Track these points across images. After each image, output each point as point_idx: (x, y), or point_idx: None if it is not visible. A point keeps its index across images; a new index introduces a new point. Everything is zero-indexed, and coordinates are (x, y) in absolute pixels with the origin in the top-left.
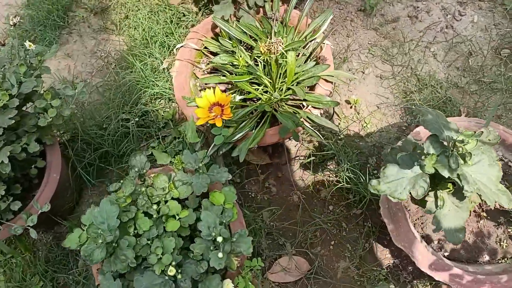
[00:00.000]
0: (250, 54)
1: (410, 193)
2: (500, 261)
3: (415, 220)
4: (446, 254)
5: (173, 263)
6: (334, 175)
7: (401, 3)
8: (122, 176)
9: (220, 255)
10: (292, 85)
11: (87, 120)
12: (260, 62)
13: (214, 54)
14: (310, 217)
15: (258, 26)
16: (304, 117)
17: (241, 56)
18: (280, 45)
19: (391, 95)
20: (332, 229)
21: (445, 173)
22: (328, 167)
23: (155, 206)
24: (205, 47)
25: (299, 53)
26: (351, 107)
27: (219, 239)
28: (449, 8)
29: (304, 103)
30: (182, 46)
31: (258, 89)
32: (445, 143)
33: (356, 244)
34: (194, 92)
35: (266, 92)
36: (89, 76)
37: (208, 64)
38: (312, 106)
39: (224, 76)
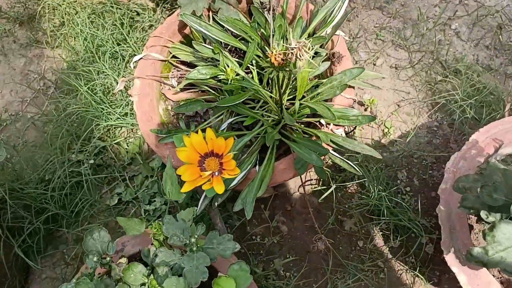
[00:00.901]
0: (237, 60)
1: None
2: None
3: None
4: None
5: None
6: (359, 199)
7: None
8: (82, 239)
9: None
10: (304, 99)
11: (24, 170)
12: (253, 70)
13: (187, 64)
14: (335, 259)
15: (244, 20)
16: (326, 141)
17: (228, 66)
18: (305, 51)
19: (412, 88)
20: (367, 273)
21: None
22: (349, 190)
23: None
24: (174, 56)
25: None
26: (365, 110)
27: None
28: None
29: (322, 120)
30: (141, 58)
31: (255, 107)
32: None
33: None
34: (166, 119)
35: (266, 110)
36: (21, 106)
37: (180, 78)
38: (333, 124)
39: (203, 91)
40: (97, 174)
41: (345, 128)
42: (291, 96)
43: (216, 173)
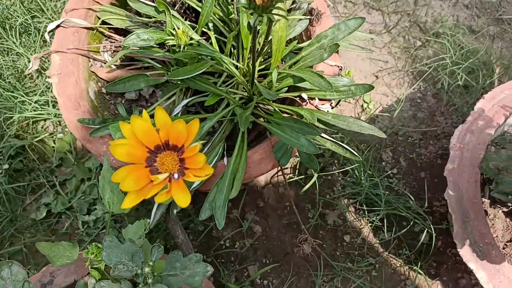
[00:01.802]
0: (190, 24)
1: None
2: None
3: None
4: None
5: None
6: (342, 187)
7: None
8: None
9: None
10: (282, 68)
11: None
12: (212, 35)
13: (123, 32)
14: (320, 259)
15: None
16: (313, 121)
17: (178, 28)
18: None
19: (390, 56)
20: (358, 273)
21: None
22: (328, 177)
23: None
24: (104, 22)
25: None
26: None
27: None
28: None
29: (303, 94)
30: (59, 26)
31: (216, 83)
32: None
33: (395, 286)
34: (100, 106)
35: (231, 86)
36: None
37: (115, 52)
38: (318, 98)
39: (147, 67)
40: (16, 181)
41: (331, 103)
42: (262, 67)
43: (176, 176)
